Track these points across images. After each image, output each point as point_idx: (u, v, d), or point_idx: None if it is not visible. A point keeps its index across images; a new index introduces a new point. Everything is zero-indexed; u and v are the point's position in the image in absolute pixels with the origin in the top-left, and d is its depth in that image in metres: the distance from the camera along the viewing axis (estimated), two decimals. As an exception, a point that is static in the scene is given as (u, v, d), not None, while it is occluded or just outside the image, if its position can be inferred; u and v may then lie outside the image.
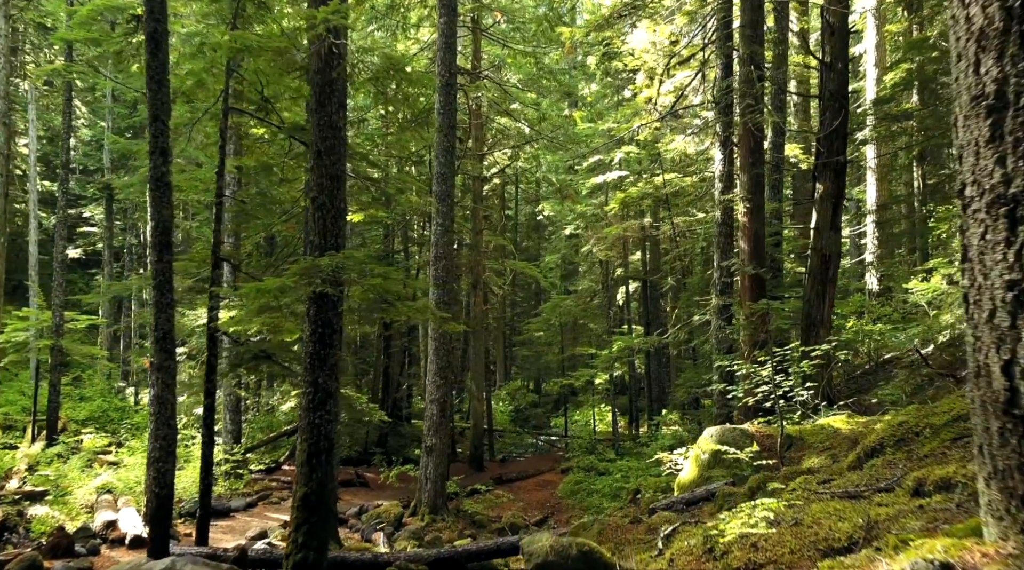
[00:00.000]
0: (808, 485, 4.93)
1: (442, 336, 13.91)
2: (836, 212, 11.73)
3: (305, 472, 6.46)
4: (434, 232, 14.07)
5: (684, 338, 14.89)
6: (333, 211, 6.77)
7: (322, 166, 6.79)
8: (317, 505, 6.43)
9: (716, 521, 4.33)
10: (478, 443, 20.86)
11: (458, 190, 28.58)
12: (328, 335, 6.66)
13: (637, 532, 6.83)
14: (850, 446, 7.29)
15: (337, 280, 6.37)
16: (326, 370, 6.63)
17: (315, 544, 6.32)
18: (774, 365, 7.81)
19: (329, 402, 6.63)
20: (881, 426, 5.58)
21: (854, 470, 5.37)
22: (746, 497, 6.64)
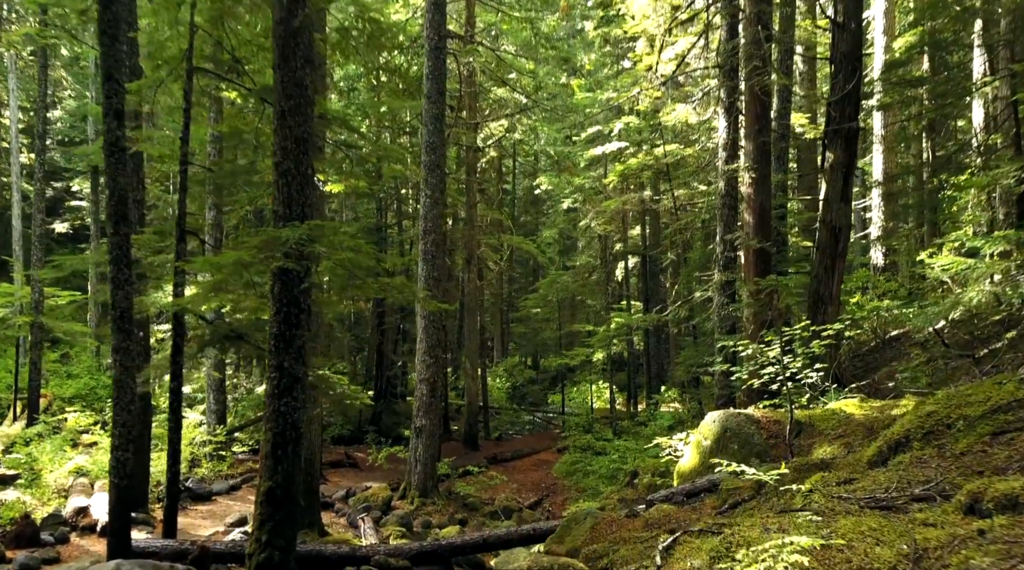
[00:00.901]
0: (827, 484, 4.35)
1: (432, 313, 13.32)
2: (847, 182, 11.07)
3: (269, 464, 5.89)
4: (423, 204, 13.42)
5: (684, 315, 14.30)
6: (299, 178, 6.12)
7: (286, 128, 6.13)
8: (283, 500, 5.87)
9: (724, 534, 3.75)
10: (472, 422, 20.39)
11: (452, 162, 27.88)
12: (295, 315, 6.06)
13: (633, 528, 6.28)
14: (865, 434, 6.72)
15: (302, 254, 5.75)
16: (292, 353, 6.03)
17: (281, 543, 5.77)
18: (782, 345, 7.22)
19: (296, 388, 6.04)
20: (908, 416, 4.99)
21: (876, 467, 4.79)
22: (752, 491, 6.09)
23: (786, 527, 3.36)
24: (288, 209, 6.07)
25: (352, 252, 5.90)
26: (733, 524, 4.01)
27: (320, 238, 5.83)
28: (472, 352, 20.67)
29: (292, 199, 6.10)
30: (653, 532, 5.92)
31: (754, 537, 3.36)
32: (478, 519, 13.09)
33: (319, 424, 10.53)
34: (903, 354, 13.71)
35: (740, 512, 5.77)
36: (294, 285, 6.02)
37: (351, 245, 5.88)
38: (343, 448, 19.90)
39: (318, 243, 5.88)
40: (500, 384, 30.83)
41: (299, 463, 6.09)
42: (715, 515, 6.03)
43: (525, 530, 7.32)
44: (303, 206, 6.15)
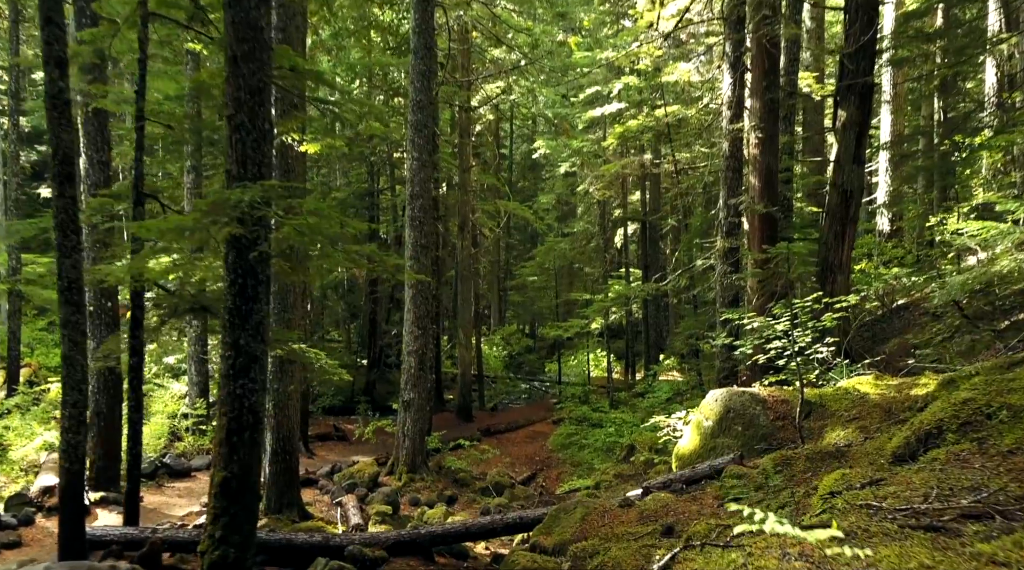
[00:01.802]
0: (849, 485, 3.76)
1: (421, 282, 12.69)
2: (860, 142, 10.35)
3: (224, 453, 5.30)
4: (410, 167, 12.70)
5: (685, 284, 13.67)
6: (254, 133, 5.42)
7: (239, 76, 5.41)
8: (240, 492, 5.30)
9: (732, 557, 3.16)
10: (466, 393, 19.89)
11: (446, 125, 26.99)
12: (252, 286, 5.41)
13: (627, 521, 5.73)
14: (883, 416, 6.14)
15: (256, 219, 5.08)
16: (249, 329, 5.40)
17: (236, 539, 5.21)
18: (792, 319, 6.61)
19: (253, 368, 5.43)
20: (939, 403, 4.39)
21: (904, 462, 4.20)
22: (760, 479, 5.52)
23: (810, 553, 2.76)
24: (243, 168, 5.39)
25: (314, 217, 5.24)
26: (742, 538, 3.42)
27: (277, 201, 5.17)
28: (466, 322, 20.09)
29: (247, 157, 5.41)
30: (649, 526, 5.37)
31: (771, 567, 2.77)
32: (468, 495, 12.63)
33: (298, 399, 9.97)
34: (913, 324, 13.13)
35: (747, 505, 5.20)
36: (251, 254, 5.37)
37: (312, 208, 5.22)
38: (333, 420, 19.44)
39: (275, 206, 5.22)
40: (497, 353, 30.33)
41: (259, 451, 5.50)
42: (718, 508, 5.47)
43: (511, 518, 6.79)
44: (260, 165, 5.46)
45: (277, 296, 9.71)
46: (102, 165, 10.24)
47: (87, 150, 10.24)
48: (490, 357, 29.15)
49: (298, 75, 7.88)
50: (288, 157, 9.70)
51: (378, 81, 22.98)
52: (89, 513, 9.82)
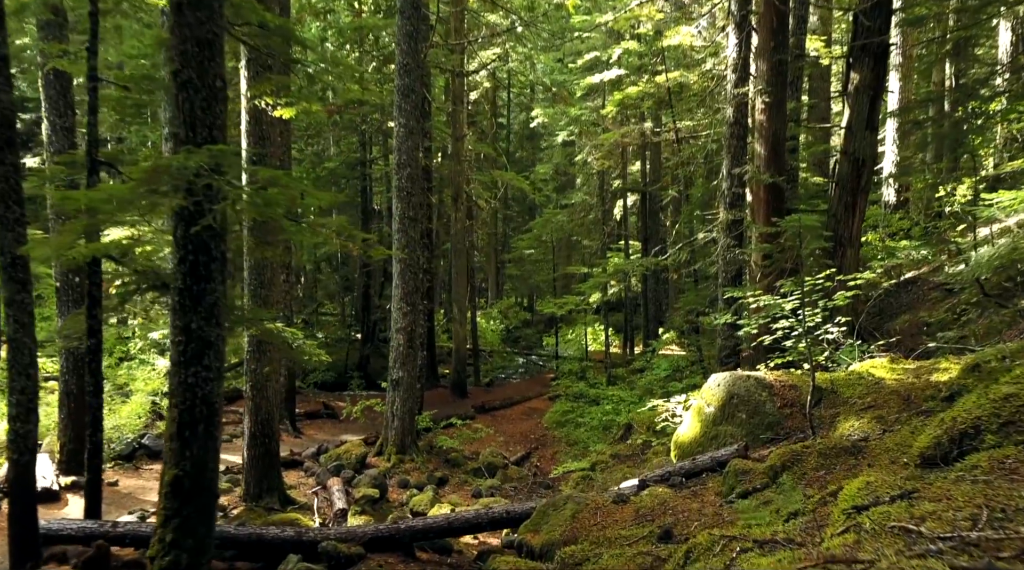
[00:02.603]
0: (875, 497, 3.24)
1: (409, 256, 12.13)
2: (874, 107, 9.73)
3: (175, 448, 4.79)
4: (397, 134, 12.05)
5: (685, 259, 13.10)
6: (204, 91, 4.82)
7: (184, 26, 4.79)
8: (194, 492, 4.79)
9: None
10: (461, 369, 19.43)
11: (440, 93, 26.17)
12: (204, 264, 4.85)
13: (622, 520, 5.25)
14: (901, 404, 5.63)
15: (203, 189, 4.51)
16: (202, 312, 4.86)
17: (190, 544, 4.73)
18: (802, 298, 6.06)
19: (208, 354, 4.89)
20: (974, 398, 3.86)
21: (934, 466, 3.68)
22: (766, 477, 5.02)
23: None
24: (191, 131, 4.80)
25: (271, 186, 4.67)
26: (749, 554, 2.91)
27: (228, 168, 4.58)
28: (460, 296, 19.55)
29: (196, 119, 4.82)
30: (645, 528, 4.88)
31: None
32: (460, 477, 12.21)
33: (277, 380, 9.47)
34: (923, 299, 12.58)
35: (751, 506, 4.71)
36: (203, 229, 4.80)
37: (268, 177, 4.64)
38: (324, 397, 19.02)
39: (226, 175, 4.64)
40: (494, 326, 29.86)
41: (215, 445, 4.99)
42: (720, 508, 4.98)
43: (497, 512, 6.32)
44: (211, 128, 4.87)
45: (253, 272, 9.17)
46: (66, 131, 9.61)
47: (49, 115, 9.61)
48: (487, 331, 28.68)
49: (268, 33, 7.23)
50: (263, 123, 9.08)
51: (369, 45, 22.16)
52: (59, 499, 9.40)
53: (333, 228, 5.12)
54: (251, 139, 9.07)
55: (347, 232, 5.20)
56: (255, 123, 9.03)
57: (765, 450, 5.98)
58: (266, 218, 4.65)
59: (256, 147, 9.12)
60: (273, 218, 4.64)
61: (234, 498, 9.37)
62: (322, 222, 5.14)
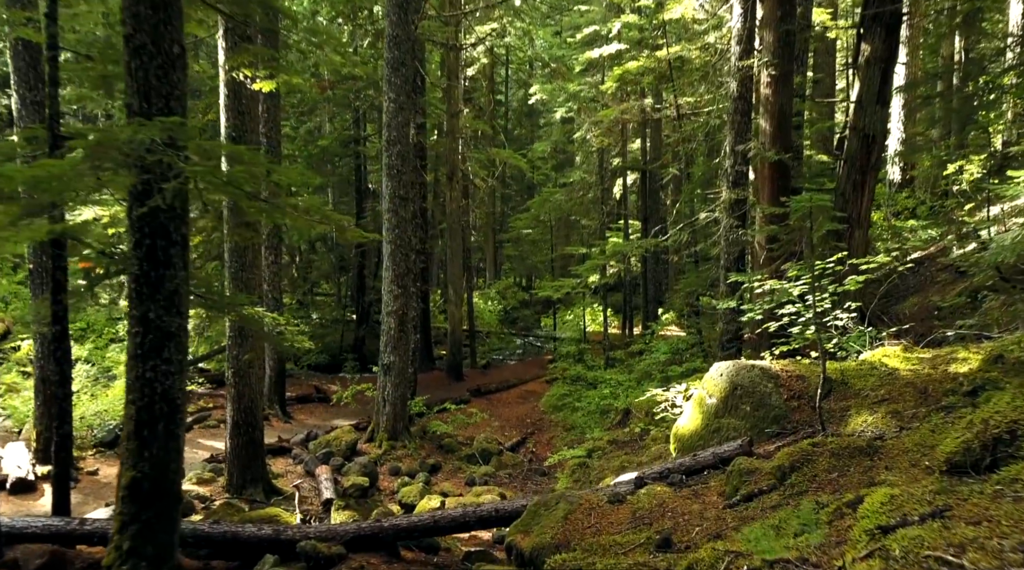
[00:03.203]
0: (902, 513, 2.86)
1: (400, 237, 11.71)
2: (885, 80, 9.25)
3: (133, 448, 4.42)
4: (387, 110, 11.57)
5: (686, 240, 12.67)
6: (159, 58, 4.38)
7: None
8: (154, 495, 4.43)
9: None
10: (456, 351, 19.08)
11: (436, 68, 25.55)
12: (163, 249, 4.45)
13: (617, 522, 4.89)
14: (918, 398, 5.25)
15: (153, 165, 4.09)
16: (161, 300, 4.46)
17: (150, 551, 4.37)
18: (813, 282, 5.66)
19: (168, 347, 4.51)
20: (1007, 399, 3.48)
21: (964, 474, 3.30)
22: (773, 478, 4.65)
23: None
24: (145, 102, 4.37)
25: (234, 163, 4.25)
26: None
27: (185, 142, 4.16)
28: (455, 277, 19.15)
29: (151, 88, 4.38)
30: (642, 533, 4.52)
31: None
32: (453, 463, 11.90)
33: (260, 367, 9.10)
34: (931, 281, 12.19)
35: (758, 511, 4.34)
36: (161, 210, 4.38)
37: (229, 152, 4.22)
38: (318, 379, 18.68)
39: (183, 150, 4.21)
40: (492, 307, 29.48)
41: (178, 444, 4.62)
42: (723, 511, 4.61)
43: (485, 510, 5.97)
44: (168, 98, 4.44)
45: (234, 254, 8.76)
46: (36, 106, 9.13)
47: (18, 88, 9.14)
48: (484, 312, 28.31)
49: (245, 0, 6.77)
50: (242, 97, 8.61)
51: (362, 19, 21.51)
52: (35, 490, 9.07)
53: (304, 209, 4.71)
54: (230, 114, 8.61)
55: (321, 213, 4.79)
56: (234, 97, 8.57)
57: (771, 445, 5.62)
58: (228, 197, 4.22)
59: (236, 122, 8.66)
60: (234, 198, 4.22)
61: (217, 488, 9.04)
62: (292, 202, 4.73)
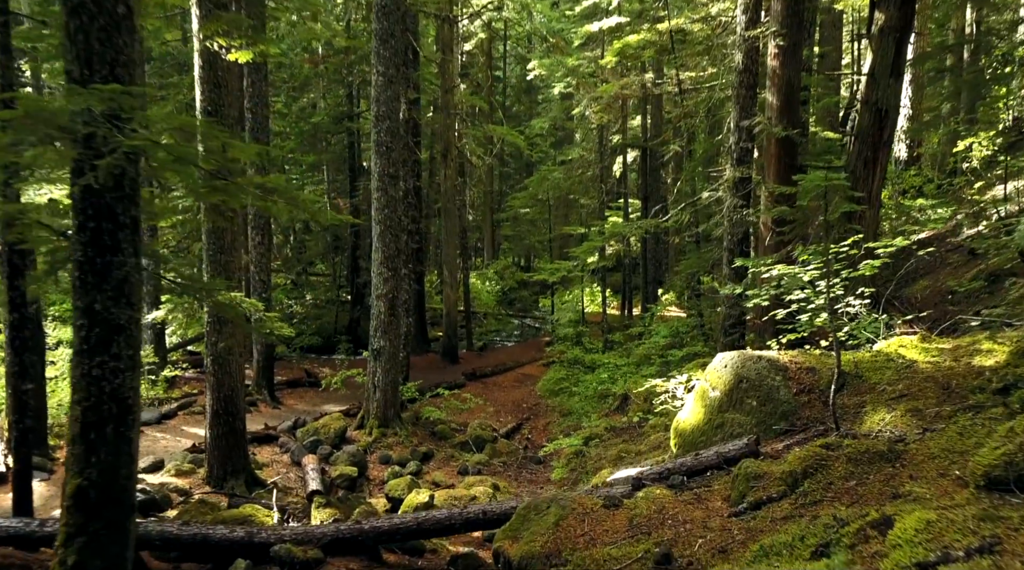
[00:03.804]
0: (945, 549, 2.45)
1: (390, 217, 11.26)
2: (900, 51, 8.74)
3: (79, 453, 4.01)
4: (375, 84, 11.05)
5: (688, 220, 12.20)
6: (102, 18, 3.90)
7: (73, -65, 3.87)
8: (102, 504, 4.03)
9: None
10: (451, 333, 18.68)
11: (431, 42, 24.88)
12: (110, 232, 4.00)
13: (613, 530, 4.50)
14: (940, 394, 4.84)
15: (87, 138, 3.63)
16: (108, 290, 4.03)
17: (98, 566, 3.98)
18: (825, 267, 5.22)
19: (117, 341, 4.08)
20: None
21: (1003, 490, 2.89)
22: (784, 485, 4.25)
23: None
24: (87, 69, 3.89)
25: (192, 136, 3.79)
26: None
27: (129, 113, 3.70)
28: (450, 258, 18.70)
29: (92, 53, 3.91)
30: (640, 545, 4.14)
31: None
32: (446, 451, 11.55)
33: (239, 355, 8.69)
34: (942, 263, 11.74)
35: (767, 523, 3.94)
36: (108, 190, 3.93)
37: (181, 124, 3.77)
38: (310, 362, 18.31)
39: (129, 122, 3.75)
40: (490, 288, 29.04)
41: (130, 448, 4.21)
42: (729, 520, 4.22)
43: (472, 512, 5.59)
44: (113, 64, 3.96)
45: (211, 236, 8.32)
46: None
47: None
48: (482, 292, 27.88)
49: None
50: (217, 68, 8.11)
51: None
52: (6, 482, 8.69)
53: (269, 189, 4.25)
54: (205, 86, 8.11)
55: (288, 194, 4.34)
56: (209, 68, 8.07)
57: (779, 443, 5.22)
58: (177, 177, 3.77)
59: (212, 95, 8.17)
60: (182, 177, 3.77)
61: (197, 480, 8.68)
62: (257, 181, 4.27)
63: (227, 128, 8.25)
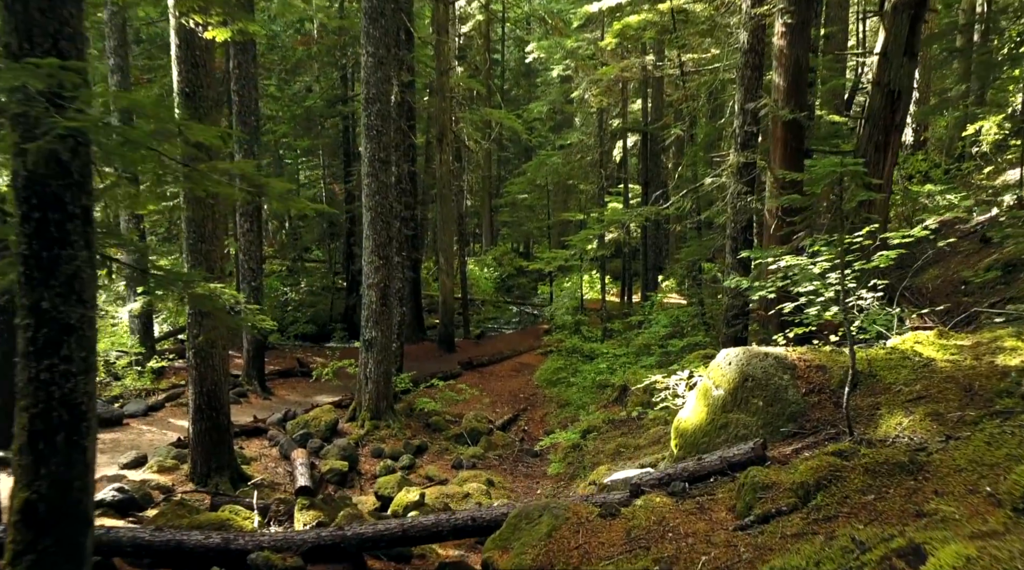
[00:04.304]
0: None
1: (380, 203, 10.88)
2: (914, 29, 8.33)
3: (27, 464, 3.68)
4: (365, 65, 10.63)
5: (690, 207, 11.81)
6: (43, -16, 3.53)
7: None
8: (53, 520, 3.71)
9: None
10: (448, 321, 18.35)
11: (428, 24, 24.34)
12: (58, 223, 3.65)
13: (609, 543, 4.18)
14: (962, 397, 4.50)
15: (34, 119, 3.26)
16: (56, 286, 3.68)
17: (49, 588, 3.67)
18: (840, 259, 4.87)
19: (67, 343, 3.74)
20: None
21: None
22: (794, 497, 3.91)
23: None
24: (27, 41, 3.52)
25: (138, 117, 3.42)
26: None
27: (72, 91, 3.33)
28: (446, 244, 18.33)
29: (32, 24, 3.54)
30: (638, 561, 3.83)
31: None
32: (440, 444, 11.25)
33: (222, 348, 8.35)
34: (951, 251, 11.39)
35: (776, 539, 3.62)
36: (53, 175, 3.57)
37: (129, 102, 3.39)
38: (304, 351, 17.99)
39: (73, 102, 3.38)
40: (488, 274, 28.67)
41: (86, 457, 3.88)
42: (734, 534, 3.89)
43: (460, 519, 5.27)
44: (56, 38, 3.59)
45: (192, 224, 7.95)
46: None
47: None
48: (480, 279, 27.52)
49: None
50: (195, 48, 7.70)
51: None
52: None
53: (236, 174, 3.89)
54: (183, 66, 7.72)
55: (256, 181, 3.97)
56: (186, 47, 7.66)
57: (787, 447, 4.89)
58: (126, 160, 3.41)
59: (190, 76, 7.78)
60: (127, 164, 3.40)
61: (180, 477, 8.38)
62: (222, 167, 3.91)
63: (207, 111, 7.89)
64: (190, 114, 7.79)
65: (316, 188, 28.21)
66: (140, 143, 3.40)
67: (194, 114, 7.81)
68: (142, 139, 3.39)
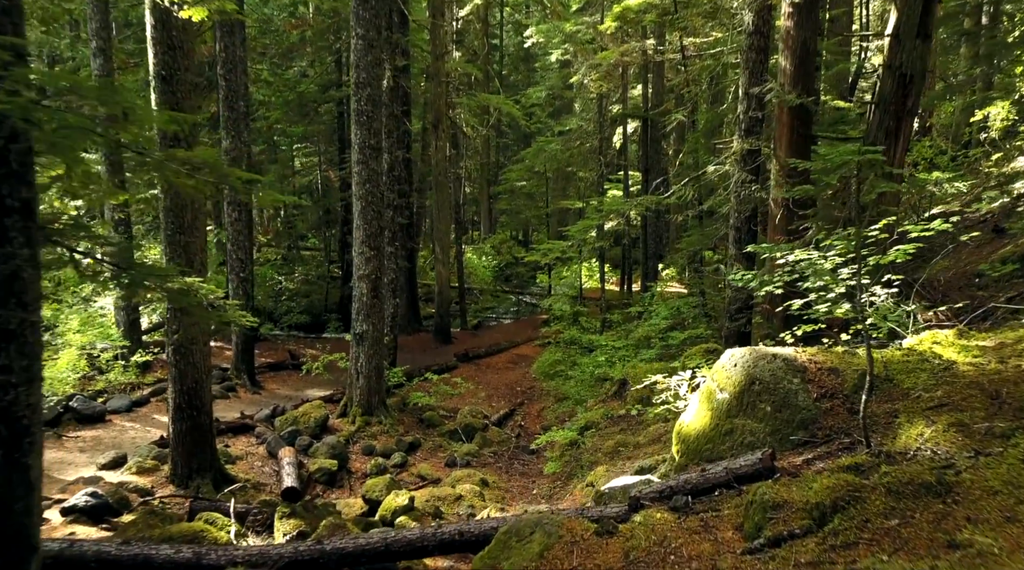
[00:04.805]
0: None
1: (371, 192, 10.50)
2: (928, 9, 7.90)
3: (-36, 485, 3.34)
4: (354, 48, 10.22)
5: (691, 196, 11.43)
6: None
7: None
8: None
9: None
10: (444, 312, 18.01)
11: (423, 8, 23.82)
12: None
13: (606, 563, 3.84)
14: (988, 404, 4.15)
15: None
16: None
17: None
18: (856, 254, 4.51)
19: (6, 350, 3.36)
20: None
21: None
22: (808, 518, 3.57)
23: None
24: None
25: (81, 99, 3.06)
26: None
27: (5, 71, 2.95)
28: (442, 233, 17.95)
29: (-38, -4, 3.15)
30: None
31: None
32: (434, 440, 10.94)
33: (203, 344, 7.99)
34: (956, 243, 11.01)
35: (791, 567, 3.28)
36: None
37: (68, 83, 3.03)
38: (296, 342, 17.66)
39: (5, 81, 3.00)
40: (485, 263, 28.29)
41: (31, 476, 3.53)
42: (743, 555, 3.55)
43: (447, 534, 4.94)
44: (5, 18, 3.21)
45: (170, 214, 7.58)
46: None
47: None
48: (478, 268, 27.16)
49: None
50: (171, 28, 7.30)
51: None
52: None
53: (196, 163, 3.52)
54: (158, 48, 7.32)
55: (218, 171, 3.60)
56: (162, 28, 7.26)
57: (798, 457, 4.54)
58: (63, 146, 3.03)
59: (166, 58, 7.38)
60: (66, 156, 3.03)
61: (160, 478, 8.05)
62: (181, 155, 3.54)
63: (184, 95, 7.50)
64: (167, 99, 7.40)
65: (312, 175, 27.78)
66: (84, 129, 3.03)
67: (171, 99, 7.42)
68: (85, 124, 3.02)
